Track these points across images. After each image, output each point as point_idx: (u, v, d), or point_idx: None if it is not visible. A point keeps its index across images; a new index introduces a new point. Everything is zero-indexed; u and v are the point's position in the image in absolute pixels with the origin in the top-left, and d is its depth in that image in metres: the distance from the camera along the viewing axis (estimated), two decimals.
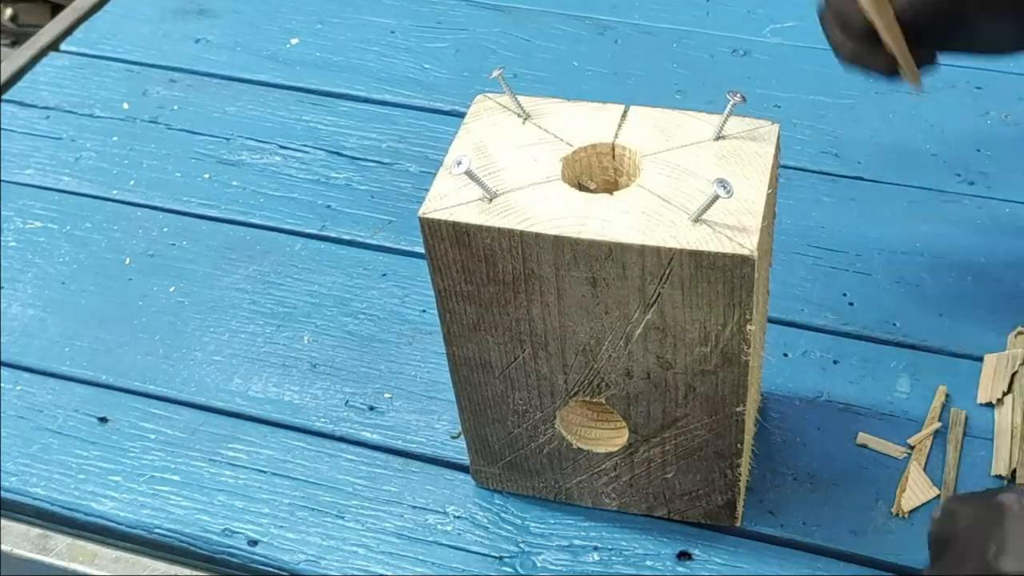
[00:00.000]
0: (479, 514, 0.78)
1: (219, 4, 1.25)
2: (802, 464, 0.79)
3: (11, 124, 1.12)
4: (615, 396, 0.69)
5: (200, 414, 0.86)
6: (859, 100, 1.06)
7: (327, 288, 0.94)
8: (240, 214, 1.01)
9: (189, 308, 0.94)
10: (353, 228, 0.99)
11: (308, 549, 0.77)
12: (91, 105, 1.13)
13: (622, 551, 0.76)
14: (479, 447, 0.77)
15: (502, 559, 0.76)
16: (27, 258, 0.99)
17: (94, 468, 0.83)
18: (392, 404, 0.86)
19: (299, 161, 1.06)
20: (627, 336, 0.65)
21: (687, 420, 0.69)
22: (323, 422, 0.85)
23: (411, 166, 1.04)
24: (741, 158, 0.65)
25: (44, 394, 0.88)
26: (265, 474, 0.82)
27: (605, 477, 0.75)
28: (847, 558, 0.75)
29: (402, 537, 0.78)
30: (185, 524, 0.79)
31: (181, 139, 1.09)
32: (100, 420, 0.86)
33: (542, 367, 0.69)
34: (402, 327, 0.91)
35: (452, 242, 0.64)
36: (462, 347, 0.70)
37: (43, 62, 1.19)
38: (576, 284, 0.63)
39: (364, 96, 1.12)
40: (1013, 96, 1.05)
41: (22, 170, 1.07)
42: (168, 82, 1.15)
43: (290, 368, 0.88)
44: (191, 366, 0.89)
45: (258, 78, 1.15)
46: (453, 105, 1.08)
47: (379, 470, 0.82)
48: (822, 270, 0.92)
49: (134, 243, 1.00)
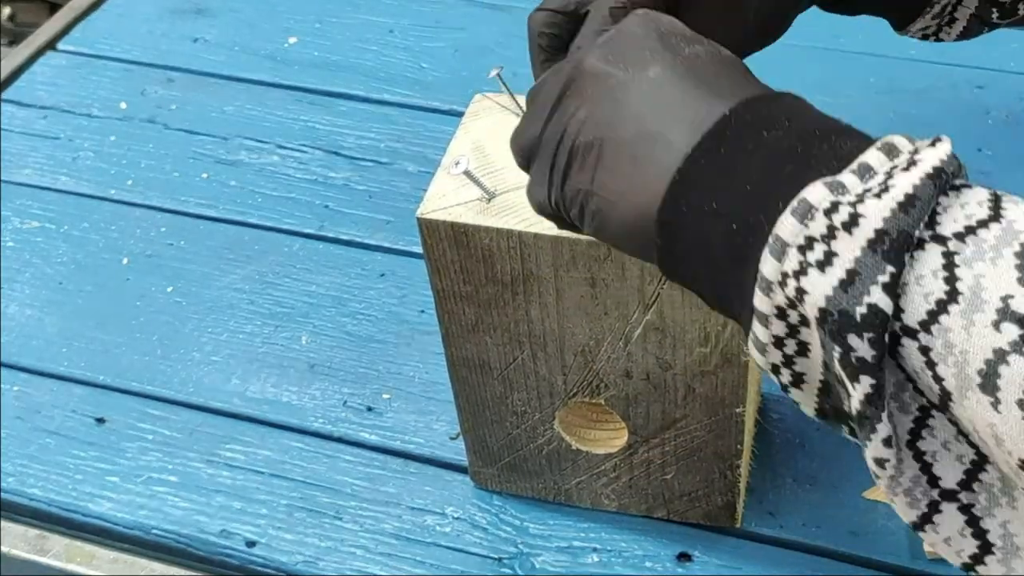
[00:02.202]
0: (478, 515, 0.78)
1: (217, 3, 1.24)
2: (802, 465, 0.79)
3: (8, 124, 1.12)
4: (614, 397, 0.69)
5: (198, 415, 0.86)
6: (859, 100, 1.06)
7: (325, 288, 0.94)
8: (238, 214, 1.01)
9: (187, 308, 0.93)
10: (351, 228, 0.99)
11: (306, 550, 0.77)
12: (89, 104, 1.13)
13: (621, 552, 0.75)
14: (478, 448, 0.76)
15: (501, 560, 0.76)
16: (25, 258, 0.99)
17: (92, 469, 0.83)
18: (390, 405, 0.85)
19: (297, 161, 1.05)
20: (626, 337, 0.65)
21: (687, 421, 0.69)
22: (321, 423, 0.84)
23: (409, 166, 1.04)
24: None
25: (42, 394, 0.88)
26: (263, 475, 0.82)
27: (604, 478, 0.75)
28: (847, 558, 0.74)
29: (400, 538, 0.77)
30: (183, 525, 0.79)
31: (179, 139, 1.09)
32: (98, 421, 0.86)
33: (541, 368, 0.69)
34: (400, 327, 0.91)
35: (450, 242, 0.64)
36: (461, 348, 0.70)
37: (40, 61, 1.19)
38: (575, 285, 0.63)
39: (362, 96, 1.12)
40: (1014, 96, 1.05)
41: (20, 170, 1.07)
42: (166, 81, 1.15)
43: (288, 368, 0.88)
44: (189, 366, 0.89)
45: (256, 77, 1.15)
46: (452, 104, 1.08)
47: (377, 471, 0.81)
48: None
49: (132, 243, 0.99)
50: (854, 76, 1.07)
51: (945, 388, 0.40)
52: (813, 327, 0.42)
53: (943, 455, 0.42)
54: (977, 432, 0.40)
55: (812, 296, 0.41)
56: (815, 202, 0.41)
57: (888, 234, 0.40)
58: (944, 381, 0.40)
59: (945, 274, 0.40)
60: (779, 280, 0.42)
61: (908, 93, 1.05)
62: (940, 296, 0.40)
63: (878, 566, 0.74)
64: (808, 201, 0.42)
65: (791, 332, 0.44)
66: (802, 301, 0.42)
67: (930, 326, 0.40)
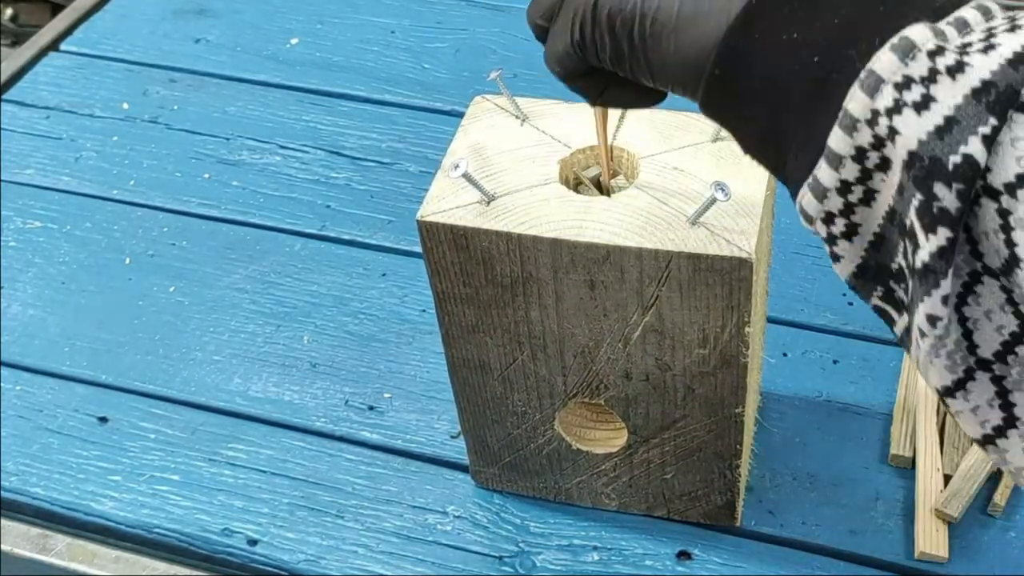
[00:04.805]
0: (479, 514, 0.79)
1: (219, 4, 1.25)
2: (802, 464, 0.79)
3: (11, 124, 1.12)
4: (614, 397, 0.69)
5: (200, 414, 0.86)
6: None
7: (327, 288, 0.94)
8: (240, 214, 1.01)
9: (189, 308, 0.94)
10: (353, 228, 0.99)
11: (307, 549, 0.77)
12: (91, 105, 1.14)
13: (622, 551, 0.76)
14: (478, 448, 0.77)
15: (502, 559, 0.76)
16: (27, 258, 0.99)
17: (94, 468, 0.83)
18: (392, 404, 0.86)
19: (299, 161, 1.06)
20: (625, 338, 0.65)
21: (686, 421, 0.69)
22: (323, 422, 0.85)
23: (411, 166, 1.04)
24: (740, 160, 0.64)
25: (44, 394, 0.88)
26: (265, 474, 0.82)
27: (604, 478, 0.75)
28: (847, 558, 0.75)
29: (402, 537, 0.78)
30: (185, 524, 0.79)
31: (181, 139, 1.09)
32: (100, 420, 0.86)
33: (541, 369, 0.69)
34: (402, 327, 0.91)
35: (450, 245, 0.64)
36: (461, 349, 0.70)
37: (43, 62, 1.19)
38: (574, 287, 0.63)
39: (364, 96, 1.12)
40: None
41: (22, 170, 1.07)
42: (168, 82, 1.16)
43: (290, 368, 0.89)
44: (191, 366, 0.89)
45: (258, 78, 1.15)
46: (453, 105, 1.08)
47: (379, 470, 0.82)
48: (822, 270, 0.91)
49: (134, 243, 1.00)
50: None
51: (1016, 254, 0.39)
52: (896, 170, 0.40)
53: (984, 323, 0.41)
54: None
55: (904, 137, 0.39)
56: (918, 42, 0.39)
57: (996, 86, 0.38)
58: (1017, 247, 0.38)
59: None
60: (868, 118, 0.40)
61: None
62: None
63: (878, 565, 0.74)
64: (911, 39, 0.39)
65: (863, 177, 0.42)
66: (893, 141, 0.40)
67: (1016, 190, 0.38)
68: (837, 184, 0.42)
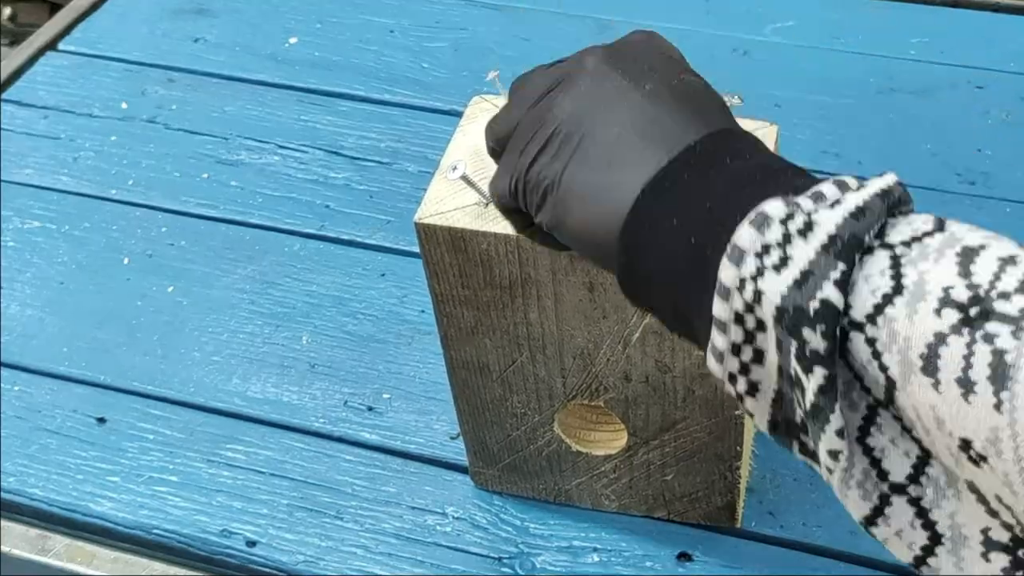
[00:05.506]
0: (478, 515, 0.78)
1: (218, 3, 1.24)
2: (802, 465, 0.78)
3: (9, 124, 1.12)
4: (614, 399, 0.69)
5: (198, 414, 0.86)
6: (859, 100, 1.06)
7: (326, 288, 0.94)
8: (239, 214, 1.01)
9: (187, 308, 0.93)
10: (352, 228, 0.99)
11: (306, 550, 0.77)
12: (89, 105, 1.13)
13: (622, 552, 0.76)
14: (478, 449, 0.76)
15: (501, 560, 0.76)
16: (26, 258, 0.99)
17: (92, 468, 0.83)
18: (391, 404, 0.85)
19: (298, 161, 1.06)
20: (625, 340, 0.65)
21: (686, 423, 0.69)
22: (322, 422, 0.85)
23: (410, 166, 1.04)
24: None
25: (42, 394, 0.88)
26: (263, 475, 0.82)
27: (604, 479, 0.75)
28: (847, 558, 0.75)
29: (401, 538, 0.78)
30: (183, 525, 0.79)
31: (180, 139, 1.09)
32: (98, 420, 0.86)
33: (540, 371, 0.69)
34: (401, 327, 0.91)
35: (448, 247, 0.64)
36: (460, 350, 0.70)
37: (41, 61, 1.19)
38: (573, 289, 0.63)
39: (363, 96, 1.12)
40: (1014, 96, 1.05)
41: (20, 170, 1.07)
42: (167, 82, 1.15)
43: (289, 368, 0.88)
44: (189, 366, 0.89)
45: (257, 78, 1.15)
46: (452, 105, 1.08)
47: (378, 471, 0.82)
48: None
49: (132, 243, 0.99)
50: (854, 76, 1.07)
51: (890, 377, 0.42)
52: (770, 328, 0.44)
53: (891, 450, 0.44)
54: (920, 420, 0.42)
55: (768, 296, 0.44)
56: (772, 214, 0.44)
57: (840, 237, 0.43)
58: (889, 370, 0.42)
59: (891, 272, 0.42)
60: (737, 286, 0.45)
61: (908, 93, 1.05)
62: (886, 290, 0.42)
63: (878, 566, 0.74)
64: (765, 212, 0.44)
65: (748, 338, 0.46)
66: (759, 303, 0.44)
67: (876, 318, 0.42)
68: (728, 347, 0.46)
